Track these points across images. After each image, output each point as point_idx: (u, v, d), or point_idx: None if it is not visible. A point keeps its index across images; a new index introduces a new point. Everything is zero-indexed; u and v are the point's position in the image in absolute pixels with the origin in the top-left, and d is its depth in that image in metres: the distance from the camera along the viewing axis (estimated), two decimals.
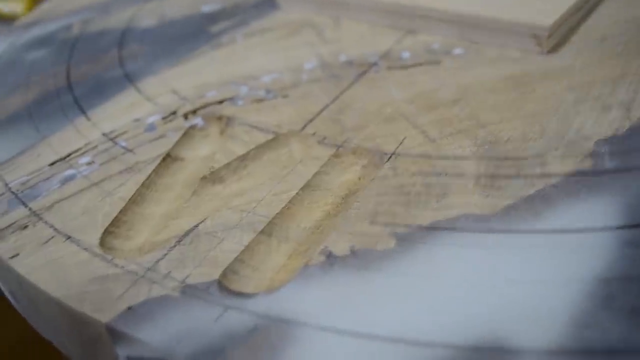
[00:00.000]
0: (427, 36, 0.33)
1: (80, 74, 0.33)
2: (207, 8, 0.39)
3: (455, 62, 0.30)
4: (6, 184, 0.25)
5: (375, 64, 0.31)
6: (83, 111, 0.29)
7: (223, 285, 0.19)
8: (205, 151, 0.26)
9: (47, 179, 0.25)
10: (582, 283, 0.18)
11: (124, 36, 0.37)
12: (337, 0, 0.36)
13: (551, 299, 0.18)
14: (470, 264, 0.19)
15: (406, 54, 0.31)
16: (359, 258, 0.20)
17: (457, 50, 0.31)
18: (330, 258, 0.20)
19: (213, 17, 0.38)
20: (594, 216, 0.20)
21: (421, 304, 0.18)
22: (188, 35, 0.36)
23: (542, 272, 0.19)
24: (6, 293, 0.24)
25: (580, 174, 0.22)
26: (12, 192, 0.24)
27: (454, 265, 0.19)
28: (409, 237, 0.20)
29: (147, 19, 0.39)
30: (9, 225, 0.23)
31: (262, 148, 0.26)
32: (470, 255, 0.19)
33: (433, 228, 0.21)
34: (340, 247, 0.20)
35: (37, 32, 0.39)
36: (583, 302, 0.18)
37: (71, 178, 0.25)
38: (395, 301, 0.18)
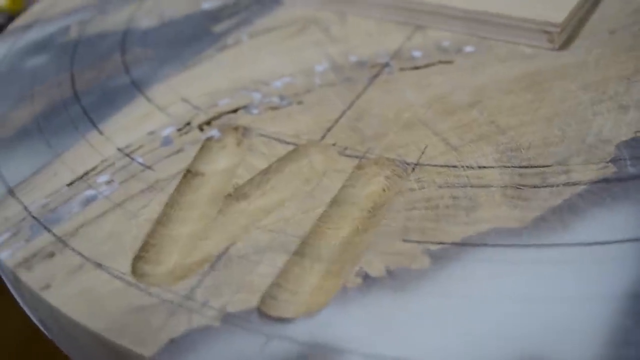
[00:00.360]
0: (436, 32, 0.33)
1: (85, 82, 0.32)
2: (207, 5, 0.38)
3: (468, 60, 0.30)
4: (25, 208, 0.25)
5: (387, 64, 0.30)
6: (94, 124, 0.29)
7: (263, 312, 0.19)
8: (224, 164, 0.26)
9: (67, 201, 0.25)
10: (615, 299, 0.19)
11: (125, 39, 0.36)
12: None
13: (587, 316, 0.18)
14: (505, 282, 0.19)
15: (417, 53, 0.31)
16: (395, 279, 0.20)
17: (468, 48, 0.31)
18: (367, 280, 0.20)
19: (215, 16, 0.37)
20: (620, 227, 0.21)
21: (461, 325, 0.18)
22: (191, 37, 0.35)
23: (576, 288, 0.19)
24: (35, 321, 0.23)
25: (604, 181, 0.22)
26: (33, 217, 0.24)
27: (489, 283, 0.19)
28: (443, 255, 0.20)
29: (146, 18, 0.38)
30: (35, 254, 0.22)
31: (283, 160, 0.25)
32: (504, 272, 0.20)
33: (465, 244, 0.21)
34: (375, 268, 0.20)
35: (33, 35, 0.38)
36: (618, 319, 0.18)
37: (92, 199, 0.25)
38: (435, 323, 0.19)
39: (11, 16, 0.71)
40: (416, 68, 0.30)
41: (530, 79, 0.28)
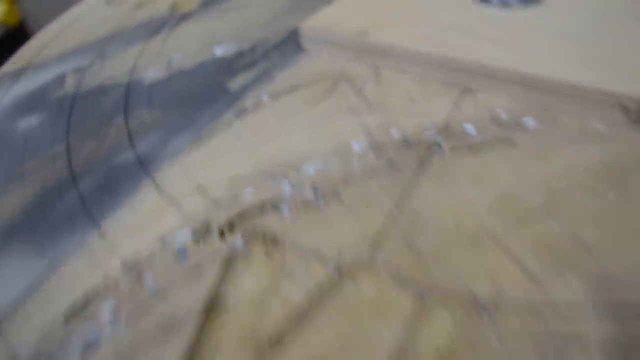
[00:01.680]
0: (487, 97, 0.27)
1: (84, 156, 0.26)
2: (220, 50, 0.32)
3: (532, 140, 0.24)
4: (14, 356, 0.19)
5: (437, 144, 0.25)
6: (95, 221, 0.23)
7: None
8: (251, 289, 0.20)
9: (63, 344, 0.19)
10: None
11: (129, 95, 0.30)
12: (377, 49, 0.29)
13: None
14: None
15: (470, 128, 0.25)
16: None
17: (530, 122, 0.25)
18: None
19: (230, 66, 0.31)
20: None
21: None
22: (205, 95, 0.29)
23: None
24: None
25: None
26: None
27: None
28: None
29: (152, 67, 0.32)
30: None
31: (324, 292, 0.20)
32: None
33: None
34: None
35: (25, 86, 0.32)
36: None
37: (92, 344, 0.19)
38: None
39: (8, 28, 0.65)
40: (472, 150, 0.24)
41: (609, 171, 0.23)
